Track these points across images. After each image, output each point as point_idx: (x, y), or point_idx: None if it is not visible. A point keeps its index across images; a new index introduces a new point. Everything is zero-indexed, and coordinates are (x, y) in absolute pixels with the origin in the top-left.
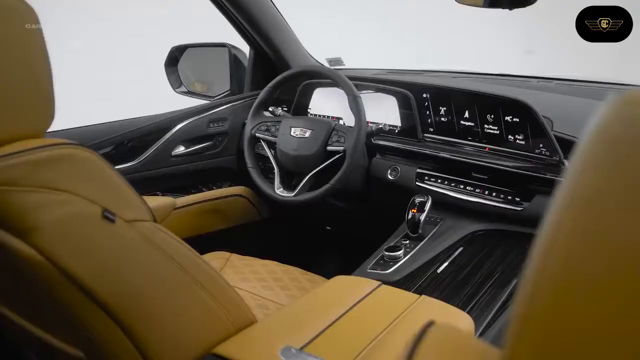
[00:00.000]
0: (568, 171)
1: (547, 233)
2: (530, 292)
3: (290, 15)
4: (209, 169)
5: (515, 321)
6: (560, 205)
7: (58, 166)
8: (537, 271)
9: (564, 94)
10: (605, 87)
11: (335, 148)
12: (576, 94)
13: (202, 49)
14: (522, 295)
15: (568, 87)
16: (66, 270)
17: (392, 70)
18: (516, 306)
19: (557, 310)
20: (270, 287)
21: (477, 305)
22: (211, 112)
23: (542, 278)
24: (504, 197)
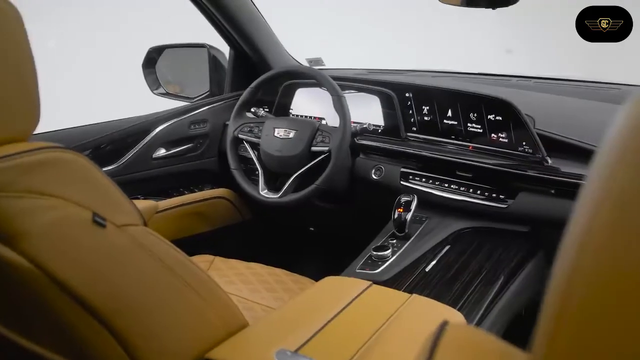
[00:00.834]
0: (599, 165)
1: (580, 229)
2: (564, 291)
3: (269, 15)
4: (191, 171)
5: (548, 321)
6: (593, 200)
7: (46, 170)
8: (570, 269)
9: (543, 92)
10: (581, 85)
11: (320, 148)
12: (555, 92)
13: (181, 49)
14: (554, 294)
15: (546, 86)
16: (55, 277)
17: (372, 70)
18: (548, 305)
19: (592, 309)
20: (256, 289)
21: (466, 303)
22: (192, 113)
23: (576, 276)
24: (489, 195)
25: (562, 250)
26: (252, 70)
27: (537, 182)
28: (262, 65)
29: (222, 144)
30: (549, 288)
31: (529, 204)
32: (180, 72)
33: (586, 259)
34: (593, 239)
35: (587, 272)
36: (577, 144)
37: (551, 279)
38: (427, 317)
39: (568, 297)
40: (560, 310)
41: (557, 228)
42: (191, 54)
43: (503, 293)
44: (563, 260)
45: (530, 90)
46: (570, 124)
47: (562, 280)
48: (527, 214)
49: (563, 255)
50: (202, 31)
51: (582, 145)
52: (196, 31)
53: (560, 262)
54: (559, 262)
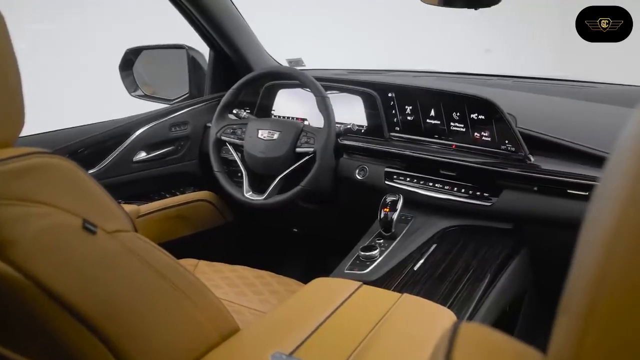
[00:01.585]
0: (622, 165)
1: (608, 230)
2: (592, 290)
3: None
4: (172, 174)
5: (575, 320)
6: (620, 200)
7: (34, 177)
8: (598, 269)
9: (523, 91)
10: (559, 84)
11: (305, 149)
12: (534, 91)
13: (159, 51)
14: (580, 293)
15: (525, 84)
16: (46, 286)
17: (352, 70)
18: (573, 305)
19: (624, 307)
20: (242, 292)
21: (456, 301)
22: (172, 116)
23: (606, 276)
24: (473, 193)
25: (583, 249)
26: (233, 71)
27: (520, 180)
28: (242, 66)
29: (203, 146)
30: (571, 288)
31: (513, 201)
32: (158, 74)
33: (616, 259)
34: (623, 240)
35: (617, 272)
36: (558, 142)
37: (573, 279)
38: (419, 316)
39: (597, 297)
40: (589, 309)
41: (539, 225)
42: (169, 55)
43: (490, 290)
44: (587, 260)
45: (510, 89)
46: (550, 122)
47: (590, 280)
48: (511, 211)
49: (586, 254)
50: (178, 32)
51: (562, 143)
52: (174, 33)
53: (584, 261)
54: (580, 261)
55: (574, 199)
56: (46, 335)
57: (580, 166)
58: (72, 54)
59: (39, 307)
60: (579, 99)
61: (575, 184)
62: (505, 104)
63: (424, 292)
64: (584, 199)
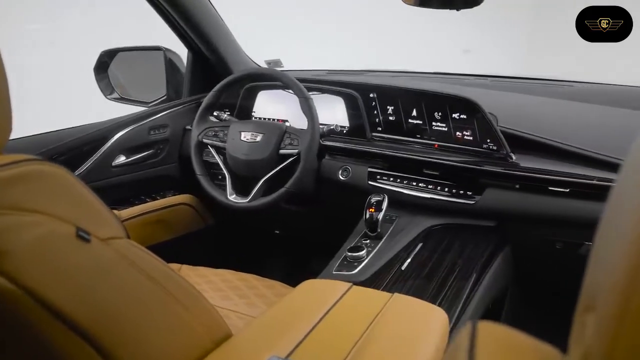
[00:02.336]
0: None
1: None
2: (625, 290)
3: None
4: (152, 178)
5: (607, 320)
6: None
7: (26, 185)
8: (631, 268)
9: (501, 90)
10: (536, 83)
11: (289, 151)
12: (512, 90)
13: (135, 52)
14: (611, 293)
15: (503, 84)
16: (40, 297)
17: (331, 71)
18: (604, 305)
19: None
20: (228, 296)
21: (445, 299)
22: (151, 119)
23: None
24: (456, 192)
25: (607, 247)
26: (211, 73)
27: (502, 178)
28: (221, 68)
29: (183, 149)
30: (595, 286)
31: (495, 199)
32: (134, 76)
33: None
34: None
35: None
36: (539, 140)
37: (596, 277)
38: (411, 316)
39: (631, 296)
40: (622, 309)
41: (522, 222)
42: (146, 57)
43: (477, 287)
44: (615, 258)
45: (489, 89)
46: (530, 120)
47: (621, 278)
48: (494, 209)
49: (613, 252)
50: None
51: (543, 141)
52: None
53: (610, 259)
54: (605, 259)
55: (555, 196)
56: (39, 347)
57: (561, 163)
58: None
59: (33, 318)
60: (557, 98)
61: (556, 181)
62: (485, 103)
63: (413, 291)
64: (564, 196)
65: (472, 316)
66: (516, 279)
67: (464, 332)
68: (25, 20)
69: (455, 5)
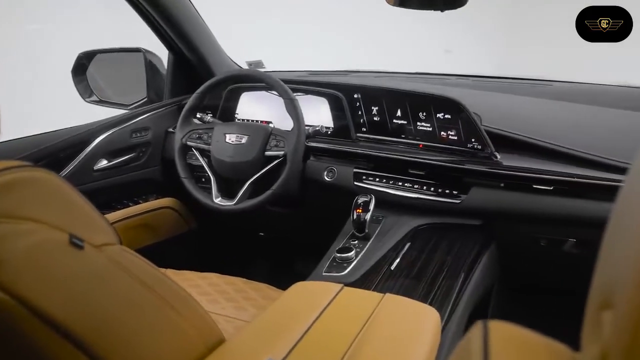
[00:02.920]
0: None
1: None
2: None
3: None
4: (134, 181)
5: (629, 316)
6: None
7: (18, 192)
8: None
9: (483, 90)
10: (516, 83)
11: (275, 153)
12: (493, 90)
13: (114, 54)
14: (632, 289)
15: (484, 84)
16: (34, 307)
17: (313, 72)
18: (625, 301)
19: None
20: (215, 300)
21: (435, 298)
22: (133, 121)
23: None
24: (442, 191)
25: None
26: (193, 74)
27: (488, 177)
28: (202, 69)
29: (165, 151)
30: (610, 283)
31: (481, 198)
32: (113, 78)
33: None
34: None
35: None
36: (522, 139)
37: (609, 274)
38: (404, 316)
39: None
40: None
41: (507, 220)
42: (125, 59)
43: (466, 285)
44: (632, 254)
45: (470, 89)
46: (512, 119)
47: None
48: (480, 208)
49: (628, 249)
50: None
51: (526, 140)
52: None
53: (626, 256)
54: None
55: (540, 194)
56: (33, 356)
57: (544, 162)
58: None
59: (27, 328)
60: (537, 97)
61: (540, 179)
62: (468, 103)
63: (403, 291)
64: (548, 194)
65: (462, 315)
66: (501, 276)
67: (475, 332)
68: (26, 21)
69: (435, 5)
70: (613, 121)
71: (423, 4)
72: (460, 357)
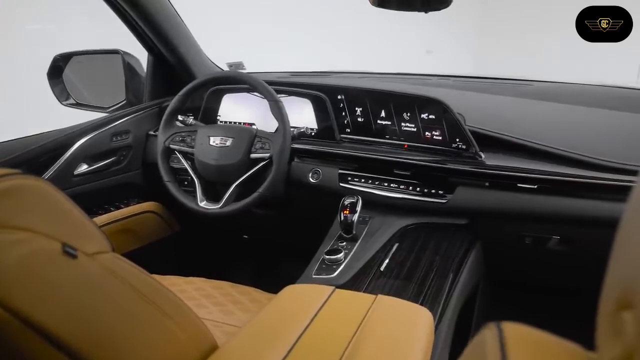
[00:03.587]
0: None
1: None
2: None
3: None
4: (115, 186)
5: None
6: None
7: (9, 200)
8: None
9: (463, 90)
10: (497, 83)
11: (260, 155)
12: (474, 90)
13: (91, 56)
14: None
15: (465, 84)
16: (27, 319)
17: (295, 73)
18: None
19: None
20: (202, 305)
21: (427, 298)
22: (113, 124)
23: None
24: (428, 192)
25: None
26: (173, 76)
27: (473, 177)
28: (183, 71)
29: (146, 155)
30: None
31: (466, 197)
32: (91, 81)
33: None
34: None
35: None
36: (506, 139)
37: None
38: (398, 316)
39: None
40: None
41: (492, 219)
42: (103, 61)
43: (456, 285)
44: None
45: (451, 89)
46: (496, 119)
47: None
48: (465, 207)
49: None
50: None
51: (510, 140)
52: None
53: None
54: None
55: (524, 193)
56: None
57: (528, 161)
58: None
59: (21, 341)
60: (517, 96)
61: (524, 178)
62: (452, 103)
63: (394, 291)
64: (533, 192)
65: (452, 314)
66: (486, 274)
67: (488, 334)
68: (26, 21)
69: (413, 6)
70: (594, 120)
71: (401, 4)
72: (473, 359)
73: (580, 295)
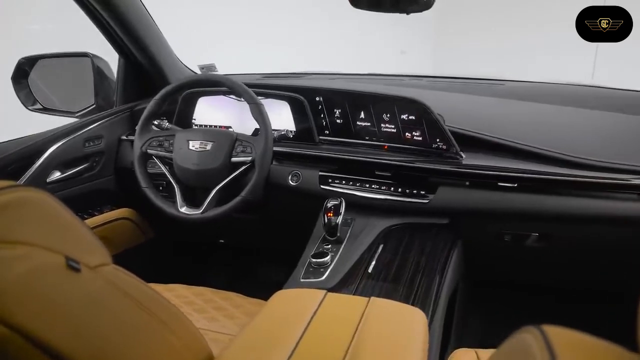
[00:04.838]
0: None
1: None
2: None
3: None
4: (88, 192)
5: None
6: None
7: (10, 214)
8: None
9: (439, 91)
10: (470, 83)
11: (242, 159)
12: (448, 90)
13: (58, 59)
14: None
15: (439, 84)
16: (31, 336)
17: (267, 75)
18: None
19: None
20: (186, 312)
21: (417, 298)
22: (85, 129)
23: None
24: (409, 192)
25: None
26: (145, 78)
27: (454, 176)
28: (155, 73)
29: (119, 160)
30: None
31: (448, 197)
32: (58, 85)
33: None
34: None
35: None
36: (486, 138)
37: None
38: (393, 318)
39: None
40: None
41: (473, 217)
42: (70, 64)
43: (443, 284)
44: None
45: (426, 89)
46: (474, 119)
47: None
48: (447, 207)
49: None
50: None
51: (490, 139)
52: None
53: None
54: None
55: (504, 191)
56: None
57: (508, 160)
58: None
59: (24, 358)
60: (493, 96)
61: (504, 177)
62: (431, 103)
63: (384, 293)
64: (512, 191)
65: (442, 313)
66: (465, 273)
67: (529, 337)
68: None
69: (383, 8)
70: (564, 119)
71: (371, 4)
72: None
73: (557, 293)
